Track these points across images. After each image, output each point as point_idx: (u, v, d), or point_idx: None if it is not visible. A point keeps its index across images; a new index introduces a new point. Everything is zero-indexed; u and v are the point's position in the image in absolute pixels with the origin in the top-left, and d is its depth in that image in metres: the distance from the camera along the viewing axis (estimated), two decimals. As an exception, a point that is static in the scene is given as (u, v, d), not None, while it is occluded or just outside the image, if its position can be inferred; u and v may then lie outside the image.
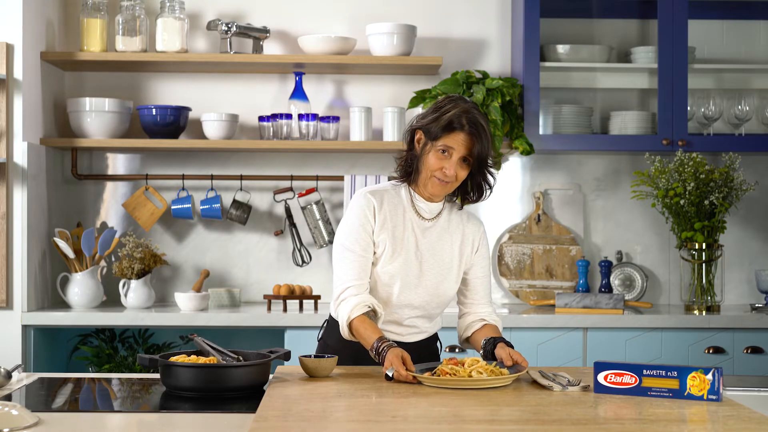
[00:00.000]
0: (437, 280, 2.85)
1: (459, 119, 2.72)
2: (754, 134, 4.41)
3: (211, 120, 4.29)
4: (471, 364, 2.52)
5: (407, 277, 2.82)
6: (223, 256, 4.50)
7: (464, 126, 2.72)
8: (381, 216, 2.81)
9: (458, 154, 2.73)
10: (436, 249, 2.85)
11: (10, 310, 3.97)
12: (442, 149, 2.73)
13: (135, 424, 2.26)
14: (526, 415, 2.18)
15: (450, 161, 2.74)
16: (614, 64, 4.45)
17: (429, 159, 2.75)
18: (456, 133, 2.72)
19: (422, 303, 2.86)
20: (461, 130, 2.72)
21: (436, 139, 2.73)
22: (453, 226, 2.89)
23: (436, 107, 2.79)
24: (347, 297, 2.76)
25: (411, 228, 2.83)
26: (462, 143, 2.73)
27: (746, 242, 4.57)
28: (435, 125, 2.74)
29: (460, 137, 2.72)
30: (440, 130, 2.73)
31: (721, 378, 2.32)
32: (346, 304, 2.75)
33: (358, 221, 2.80)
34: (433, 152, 2.74)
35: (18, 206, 3.98)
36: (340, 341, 2.85)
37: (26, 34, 4.01)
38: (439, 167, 2.75)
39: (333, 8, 4.52)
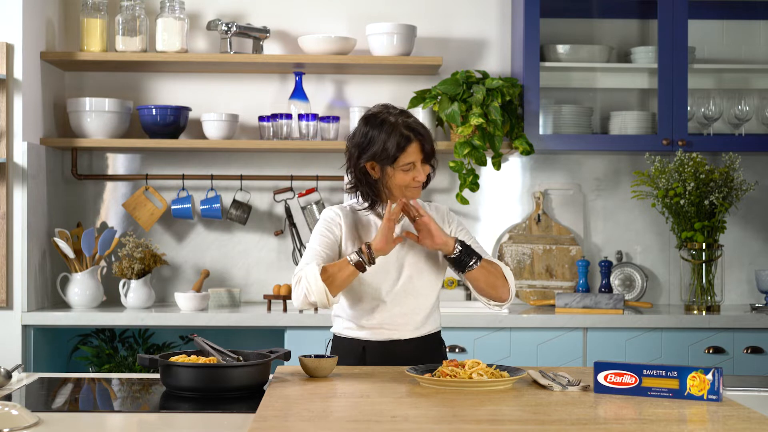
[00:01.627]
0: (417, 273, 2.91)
1: (402, 135, 2.80)
2: (754, 134, 4.41)
3: (211, 120, 4.29)
4: (471, 366, 2.52)
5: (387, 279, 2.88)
6: (223, 256, 4.50)
7: (410, 137, 2.81)
8: (346, 226, 2.90)
9: (419, 160, 2.84)
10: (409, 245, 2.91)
11: (10, 310, 3.97)
12: (406, 168, 2.82)
13: (135, 424, 2.26)
14: (526, 415, 2.18)
15: (416, 170, 2.84)
16: (614, 64, 4.45)
17: (396, 179, 2.84)
18: (408, 148, 2.81)
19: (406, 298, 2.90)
20: (410, 142, 2.81)
21: (395, 161, 2.81)
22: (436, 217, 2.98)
23: (372, 132, 2.83)
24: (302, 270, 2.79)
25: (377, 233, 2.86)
26: (417, 151, 2.83)
27: (746, 242, 4.57)
28: (387, 152, 2.80)
29: (413, 148, 2.82)
30: (394, 154, 2.80)
31: (721, 378, 2.32)
32: (307, 269, 2.77)
33: (323, 225, 2.91)
34: (398, 172, 2.83)
35: (18, 206, 3.98)
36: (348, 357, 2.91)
37: (26, 34, 4.01)
38: (409, 179, 2.84)
39: (333, 8, 4.52)
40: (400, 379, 2.59)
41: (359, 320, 2.91)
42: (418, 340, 2.93)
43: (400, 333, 2.91)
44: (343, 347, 2.93)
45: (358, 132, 2.88)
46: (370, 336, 2.91)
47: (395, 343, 2.90)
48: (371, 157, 2.83)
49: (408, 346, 2.91)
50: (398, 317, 2.91)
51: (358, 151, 2.86)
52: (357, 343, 2.92)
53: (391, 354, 2.89)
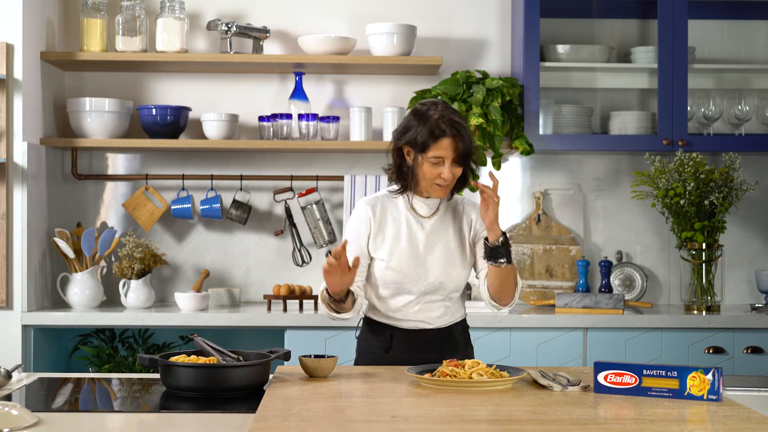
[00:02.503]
0: (444, 270, 2.95)
1: (438, 127, 2.85)
2: (754, 134, 4.41)
3: (211, 120, 4.29)
4: (471, 366, 2.52)
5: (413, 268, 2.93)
6: (223, 256, 4.50)
7: (445, 131, 2.84)
8: (376, 222, 2.96)
9: (449, 158, 2.86)
10: (439, 240, 2.97)
11: (10, 310, 3.97)
12: (434, 161, 2.86)
13: (135, 424, 2.26)
14: (526, 415, 2.18)
15: (444, 167, 2.87)
16: (614, 64, 4.45)
17: (424, 170, 2.89)
18: (440, 141, 2.85)
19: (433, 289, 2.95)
20: (444, 136, 2.84)
21: (425, 151, 2.86)
22: (454, 216, 3.02)
23: (415, 118, 2.91)
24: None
25: (408, 226, 2.96)
26: (449, 148, 2.85)
27: (746, 242, 4.57)
28: (419, 139, 2.86)
29: (445, 143, 2.85)
30: (425, 142, 2.85)
31: (721, 378, 2.32)
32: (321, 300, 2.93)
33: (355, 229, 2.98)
34: (426, 163, 2.87)
35: (18, 206, 3.98)
36: (378, 340, 2.99)
37: (26, 34, 4.01)
38: (436, 174, 2.88)
39: (333, 8, 4.52)
40: (400, 379, 2.59)
41: (387, 308, 2.98)
42: (445, 329, 3.00)
43: (428, 323, 2.97)
44: (372, 330, 3.01)
45: (405, 118, 2.96)
46: (397, 324, 2.98)
47: (422, 332, 2.97)
48: (407, 141, 2.89)
49: (435, 334, 2.98)
50: (427, 310, 2.97)
51: (401, 131, 2.94)
52: (385, 328, 2.99)
53: (417, 341, 2.97)
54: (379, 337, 2.99)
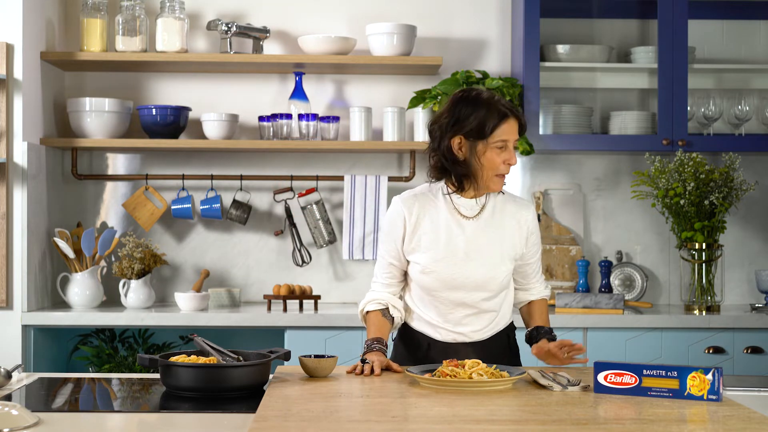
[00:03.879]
0: (485, 276, 2.80)
1: (499, 109, 2.69)
2: (754, 134, 4.41)
3: (211, 120, 4.29)
4: (471, 366, 2.52)
5: (451, 276, 2.79)
6: (223, 256, 4.50)
7: (507, 113, 2.70)
8: (412, 222, 2.80)
9: (513, 140, 2.72)
10: (482, 244, 2.79)
11: (10, 310, 3.97)
12: (499, 145, 2.70)
13: (135, 424, 2.26)
14: (526, 415, 2.18)
15: (509, 151, 2.71)
16: (614, 64, 4.45)
17: (488, 158, 2.70)
18: (505, 123, 2.69)
19: (472, 300, 2.82)
20: (507, 117, 2.70)
21: (489, 136, 2.68)
22: (503, 217, 2.83)
23: (464, 106, 2.71)
24: (372, 290, 2.92)
25: (448, 227, 2.79)
26: (513, 130, 2.72)
27: (746, 242, 4.57)
28: (482, 123, 2.68)
29: (509, 125, 2.71)
30: (492, 126, 2.68)
31: (721, 378, 2.32)
32: (368, 295, 2.91)
33: (388, 229, 2.86)
34: (490, 150, 2.70)
35: (18, 206, 3.98)
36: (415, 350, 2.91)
37: (26, 34, 4.01)
38: (500, 162, 2.71)
39: (333, 8, 4.52)
40: (400, 379, 2.59)
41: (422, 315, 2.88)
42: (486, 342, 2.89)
43: (465, 336, 2.87)
44: (409, 337, 2.93)
45: (446, 111, 2.74)
46: (433, 334, 2.88)
47: (460, 345, 2.87)
48: (460, 131, 2.69)
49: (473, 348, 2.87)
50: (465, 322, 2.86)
51: (445, 128, 2.71)
52: (422, 338, 2.89)
53: (454, 354, 2.83)
54: (416, 349, 2.89)
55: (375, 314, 2.87)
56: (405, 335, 2.95)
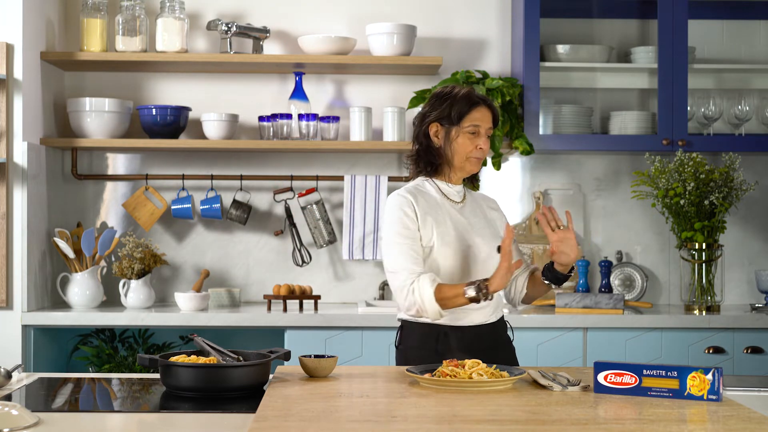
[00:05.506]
0: (490, 249, 2.93)
1: (473, 97, 2.89)
2: (754, 134, 4.41)
3: (211, 120, 4.29)
4: (471, 366, 2.52)
5: (466, 260, 2.89)
6: (223, 256, 4.50)
7: (478, 102, 2.89)
8: (420, 210, 2.88)
9: (485, 127, 2.90)
10: (479, 224, 2.96)
11: (10, 310, 3.97)
12: (471, 130, 2.88)
13: (135, 424, 2.26)
14: (526, 415, 2.18)
15: (481, 137, 2.89)
16: (614, 64, 4.45)
17: (460, 143, 2.89)
18: (477, 109, 2.89)
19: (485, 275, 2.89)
20: (480, 104, 2.89)
21: (461, 120, 2.87)
22: (482, 208, 3.03)
23: (440, 98, 2.92)
24: (417, 279, 2.79)
25: (449, 213, 2.92)
26: (485, 117, 2.90)
27: (746, 242, 4.57)
28: (454, 110, 2.87)
29: (482, 112, 2.89)
30: (461, 112, 2.87)
31: (721, 378, 2.32)
32: (421, 284, 2.78)
33: (399, 214, 2.87)
34: (462, 135, 2.89)
35: (18, 206, 3.98)
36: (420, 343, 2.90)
37: (26, 34, 4.01)
38: (474, 146, 2.89)
39: (333, 8, 4.52)
40: (400, 379, 2.59)
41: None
42: (495, 324, 2.97)
43: (483, 317, 2.92)
44: (421, 334, 2.90)
45: (428, 101, 2.97)
46: (452, 321, 2.89)
47: (478, 328, 2.91)
48: (436, 118, 2.89)
49: (488, 330, 2.93)
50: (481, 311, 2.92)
51: (423, 117, 2.93)
52: (437, 329, 2.89)
53: (472, 338, 2.88)
54: (433, 341, 2.88)
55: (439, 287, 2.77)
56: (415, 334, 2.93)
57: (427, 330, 2.90)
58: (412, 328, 2.94)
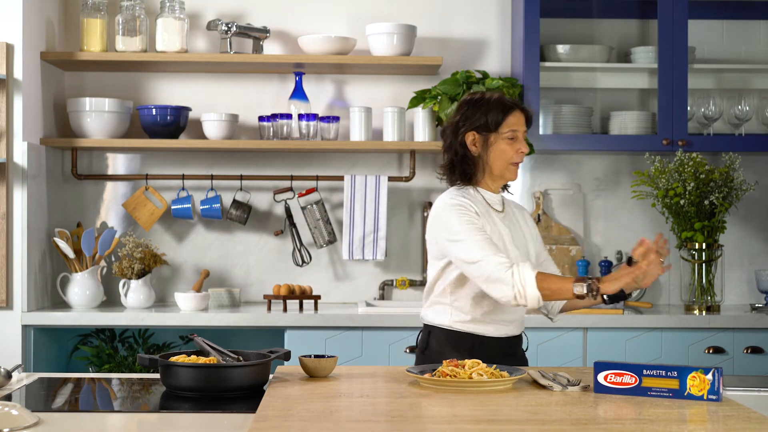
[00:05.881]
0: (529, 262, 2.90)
1: (506, 102, 2.88)
2: (754, 134, 4.41)
3: (211, 120, 4.29)
4: (471, 366, 2.52)
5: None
6: (223, 256, 4.50)
7: (512, 106, 2.89)
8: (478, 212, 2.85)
9: (521, 131, 2.89)
10: (516, 235, 2.95)
11: (10, 310, 3.97)
12: (510, 135, 2.86)
13: (135, 424, 2.26)
14: (526, 415, 2.18)
15: (520, 141, 2.89)
16: (614, 64, 4.45)
17: (500, 149, 2.88)
18: (513, 114, 2.88)
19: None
20: (513, 110, 2.88)
21: (498, 127, 2.86)
22: (517, 215, 3.02)
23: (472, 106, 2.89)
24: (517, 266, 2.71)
25: (495, 223, 2.90)
26: (520, 120, 2.90)
27: (746, 242, 4.57)
28: (490, 117, 2.86)
29: (517, 116, 2.89)
30: (499, 118, 2.85)
31: (721, 378, 2.32)
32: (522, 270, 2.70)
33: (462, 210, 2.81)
34: (500, 141, 2.87)
35: (18, 206, 3.98)
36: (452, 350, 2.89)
37: (26, 34, 4.01)
38: (514, 151, 2.88)
39: (333, 8, 4.52)
40: (400, 379, 2.59)
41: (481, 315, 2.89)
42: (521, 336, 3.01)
43: (516, 329, 2.96)
44: (455, 340, 2.91)
45: (455, 114, 2.94)
46: (485, 331, 2.90)
47: (510, 340, 2.94)
48: (472, 126, 2.87)
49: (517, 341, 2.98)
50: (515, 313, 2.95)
51: (458, 126, 2.90)
52: (470, 337, 2.90)
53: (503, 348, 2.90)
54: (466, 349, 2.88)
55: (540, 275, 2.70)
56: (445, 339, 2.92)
57: (462, 337, 2.90)
58: (443, 333, 2.93)
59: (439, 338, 2.94)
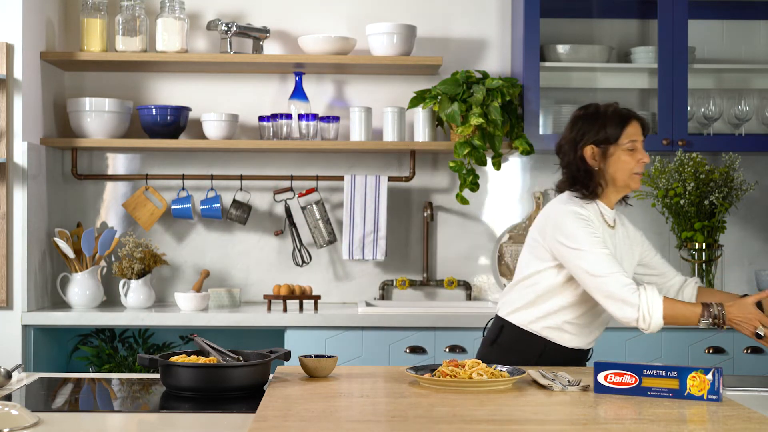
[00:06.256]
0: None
1: (622, 112, 2.87)
2: (754, 134, 4.41)
3: (211, 120, 4.29)
4: (471, 366, 2.52)
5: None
6: (223, 256, 4.50)
7: (630, 115, 2.87)
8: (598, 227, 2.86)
9: (640, 140, 2.87)
10: (624, 254, 2.94)
11: (10, 310, 3.97)
12: (630, 146, 2.85)
13: (135, 424, 2.26)
14: (526, 415, 2.18)
15: (640, 151, 2.87)
16: (614, 64, 4.45)
17: (621, 161, 2.86)
18: (630, 124, 2.86)
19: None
20: (632, 119, 2.87)
21: (617, 139, 2.84)
22: (626, 227, 3.00)
23: (588, 120, 2.88)
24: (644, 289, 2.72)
25: (610, 239, 2.87)
26: (638, 130, 2.89)
27: (746, 242, 4.57)
28: (609, 129, 2.84)
29: (634, 126, 2.87)
30: (617, 130, 2.84)
31: (721, 378, 2.32)
32: (650, 295, 2.71)
33: (585, 223, 2.81)
34: (620, 153, 2.86)
35: (18, 206, 3.98)
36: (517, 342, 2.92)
37: (26, 34, 4.01)
38: (636, 161, 2.86)
39: (333, 8, 4.52)
40: (400, 379, 2.59)
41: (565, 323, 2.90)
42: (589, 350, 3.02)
43: (591, 343, 2.98)
44: (523, 340, 2.92)
45: (569, 129, 2.93)
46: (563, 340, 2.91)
47: (581, 352, 2.96)
48: (591, 140, 2.86)
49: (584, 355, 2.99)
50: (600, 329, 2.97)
51: (575, 141, 2.89)
52: (543, 342, 2.91)
53: (572, 359, 2.91)
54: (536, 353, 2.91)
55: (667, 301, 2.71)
56: (522, 338, 2.93)
57: (534, 340, 2.92)
58: (516, 331, 2.94)
59: (510, 334, 2.95)
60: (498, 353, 2.95)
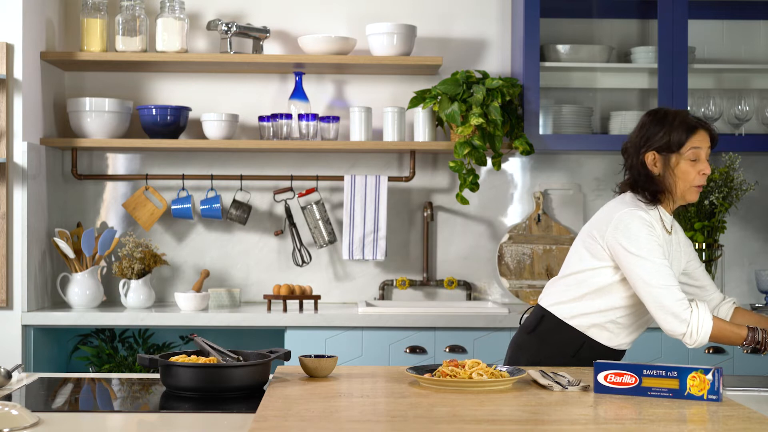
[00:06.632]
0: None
1: (690, 121, 2.81)
2: (754, 134, 4.41)
3: (211, 120, 4.29)
4: (471, 366, 2.52)
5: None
6: (223, 256, 4.50)
7: (698, 125, 2.82)
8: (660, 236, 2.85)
9: (705, 152, 2.83)
10: (677, 262, 2.91)
11: (10, 310, 3.97)
12: (692, 156, 2.81)
13: (135, 424, 2.26)
14: (526, 415, 2.18)
15: (702, 162, 2.83)
16: (614, 64, 4.45)
17: (682, 170, 2.82)
18: (696, 134, 2.82)
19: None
20: (698, 128, 2.82)
21: (680, 149, 2.80)
22: (679, 235, 2.96)
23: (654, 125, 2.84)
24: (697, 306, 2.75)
25: (664, 245, 2.85)
26: (704, 140, 2.83)
27: (746, 242, 4.57)
28: (673, 137, 2.80)
29: (701, 135, 2.82)
30: (682, 138, 2.80)
31: (721, 378, 2.32)
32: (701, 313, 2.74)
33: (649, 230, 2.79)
34: (683, 162, 2.82)
35: (18, 206, 3.98)
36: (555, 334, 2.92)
37: (26, 34, 4.01)
38: (696, 172, 2.82)
39: (333, 8, 4.52)
40: (400, 379, 2.59)
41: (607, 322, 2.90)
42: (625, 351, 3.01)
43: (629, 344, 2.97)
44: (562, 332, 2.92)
45: (637, 131, 2.89)
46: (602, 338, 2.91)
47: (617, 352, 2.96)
48: (657, 146, 2.82)
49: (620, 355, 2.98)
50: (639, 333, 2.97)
51: (638, 145, 2.85)
52: (582, 338, 2.91)
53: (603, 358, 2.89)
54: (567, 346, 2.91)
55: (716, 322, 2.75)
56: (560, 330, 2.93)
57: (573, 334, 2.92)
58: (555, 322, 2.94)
59: (549, 325, 2.95)
60: (536, 342, 2.96)
